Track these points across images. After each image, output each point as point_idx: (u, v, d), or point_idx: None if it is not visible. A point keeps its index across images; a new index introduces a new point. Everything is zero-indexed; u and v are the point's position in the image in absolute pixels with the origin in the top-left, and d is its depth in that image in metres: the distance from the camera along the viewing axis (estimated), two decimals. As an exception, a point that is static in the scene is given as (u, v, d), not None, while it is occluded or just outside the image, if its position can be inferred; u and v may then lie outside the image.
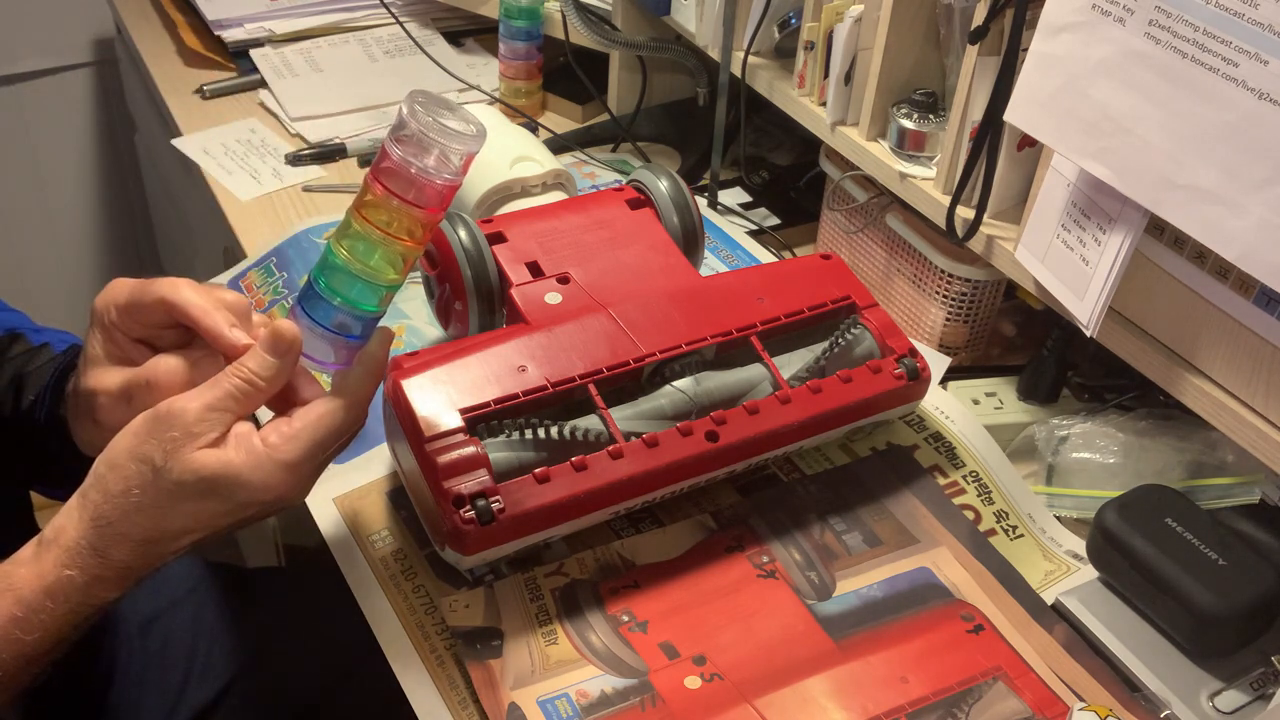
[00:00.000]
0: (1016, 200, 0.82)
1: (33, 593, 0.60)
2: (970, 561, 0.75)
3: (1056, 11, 0.67)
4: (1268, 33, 0.56)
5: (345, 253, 0.63)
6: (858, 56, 0.90)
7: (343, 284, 0.63)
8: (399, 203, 0.62)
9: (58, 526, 0.61)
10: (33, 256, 1.93)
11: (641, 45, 1.16)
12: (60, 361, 0.75)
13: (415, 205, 0.62)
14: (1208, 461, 0.80)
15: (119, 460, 0.60)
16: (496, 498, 0.66)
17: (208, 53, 1.38)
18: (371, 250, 0.63)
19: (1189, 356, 0.71)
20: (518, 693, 0.66)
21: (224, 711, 0.93)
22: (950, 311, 0.92)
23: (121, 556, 0.60)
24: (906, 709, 0.66)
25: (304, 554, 1.24)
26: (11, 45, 1.73)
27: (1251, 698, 0.68)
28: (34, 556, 0.60)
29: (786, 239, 1.10)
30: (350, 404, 0.63)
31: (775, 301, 0.79)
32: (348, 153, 1.21)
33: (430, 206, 0.62)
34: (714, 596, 0.72)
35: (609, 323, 0.75)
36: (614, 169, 1.20)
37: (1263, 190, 0.58)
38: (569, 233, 0.83)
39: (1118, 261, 0.68)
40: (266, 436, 0.61)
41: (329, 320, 0.64)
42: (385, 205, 0.62)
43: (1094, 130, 0.66)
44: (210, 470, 0.59)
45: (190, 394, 0.61)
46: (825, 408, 0.75)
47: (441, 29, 1.41)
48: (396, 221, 0.62)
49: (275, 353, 0.62)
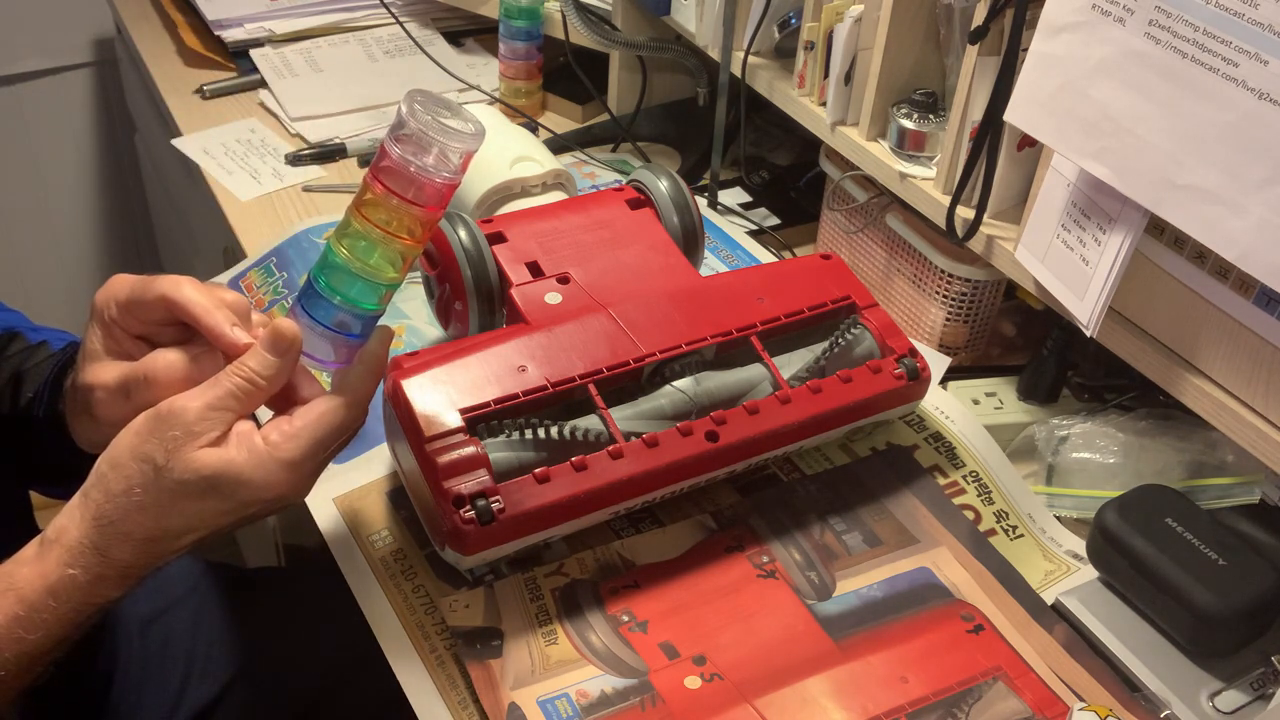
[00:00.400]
0: (1016, 200, 0.82)
1: (35, 592, 0.60)
2: (970, 561, 0.75)
3: (1056, 11, 0.67)
4: (1268, 33, 0.56)
5: (345, 251, 0.63)
6: (858, 56, 0.90)
7: (343, 283, 0.64)
8: (398, 201, 0.62)
9: (60, 526, 0.61)
10: (32, 256, 1.93)
11: (641, 45, 1.16)
12: (59, 358, 0.75)
13: (414, 204, 0.62)
14: (1208, 461, 0.80)
15: (121, 459, 0.60)
16: (496, 498, 0.66)
17: (208, 53, 1.38)
18: (371, 249, 0.63)
19: (1189, 356, 0.71)
20: (518, 693, 0.66)
21: (224, 711, 0.93)
22: (950, 311, 0.92)
23: (123, 555, 0.60)
24: (906, 709, 0.66)
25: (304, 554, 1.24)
26: (11, 45, 1.73)
27: (1251, 698, 0.68)
28: (36, 556, 0.61)
29: (786, 239, 1.10)
30: (351, 402, 0.63)
31: (775, 301, 0.79)
32: (348, 153, 1.21)
33: (430, 205, 0.63)
34: (714, 596, 0.72)
35: (609, 323, 0.75)
36: (614, 169, 1.20)
37: (1263, 190, 0.58)
38: (569, 233, 0.83)
39: (1118, 261, 0.68)
40: (268, 435, 0.61)
41: (329, 319, 0.64)
42: (385, 204, 0.62)
43: (1094, 130, 0.66)
44: (212, 469, 0.59)
45: (191, 393, 0.61)
46: (825, 408, 0.75)
47: (441, 29, 1.41)
48: (396, 220, 0.62)
49: (276, 351, 0.62)
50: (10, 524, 0.81)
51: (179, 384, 0.62)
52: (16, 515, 0.83)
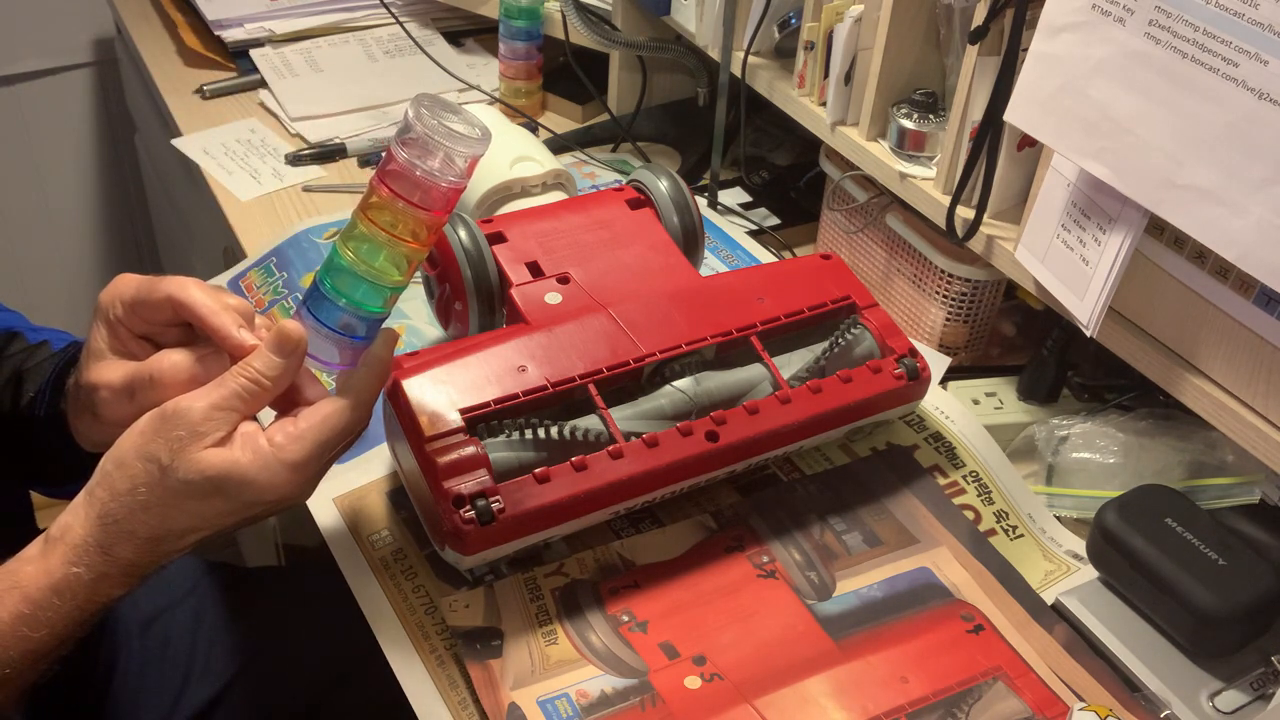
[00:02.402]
0: (1016, 200, 0.82)
1: (39, 590, 0.60)
2: (970, 561, 0.76)
3: (1056, 11, 0.67)
4: (1268, 33, 0.56)
5: (350, 254, 0.63)
6: (858, 56, 0.90)
7: (348, 285, 0.64)
8: (404, 205, 0.62)
9: (64, 524, 0.61)
10: (32, 257, 1.93)
11: (641, 45, 1.16)
12: (60, 358, 0.76)
13: (420, 207, 0.62)
14: (1208, 461, 0.80)
15: (126, 459, 0.60)
16: (496, 498, 0.66)
17: (208, 53, 1.38)
18: (376, 252, 0.63)
19: (1189, 356, 0.71)
20: (518, 693, 0.66)
21: (224, 711, 0.93)
22: (950, 311, 0.92)
23: (127, 554, 0.61)
24: (906, 709, 0.66)
25: (304, 554, 1.24)
26: (11, 45, 1.73)
27: (1251, 698, 0.68)
28: (40, 554, 0.61)
29: (786, 239, 1.10)
30: (355, 404, 0.63)
31: (775, 301, 0.79)
32: (348, 153, 1.20)
33: (435, 209, 0.63)
34: (714, 596, 0.72)
35: (609, 323, 0.75)
36: (614, 169, 1.20)
37: (1263, 190, 0.58)
38: (569, 233, 0.83)
39: (1118, 261, 0.68)
40: (272, 436, 0.61)
41: (334, 321, 0.64)
42: (390, 207, 0.62)
43: (1094, 130, 0.66)
44: (217, 470, 0.59)
45: (196, 393, 0.61)
46: (825, 408, 0.75)
47: (441, 29, 1.41)
48: (401, 223, 0.63)
49: (281, 353, 0.62)
50: (11, 525, 0.81)
51: (184, 385, 0.62)
52: (17, 516, 0.83)
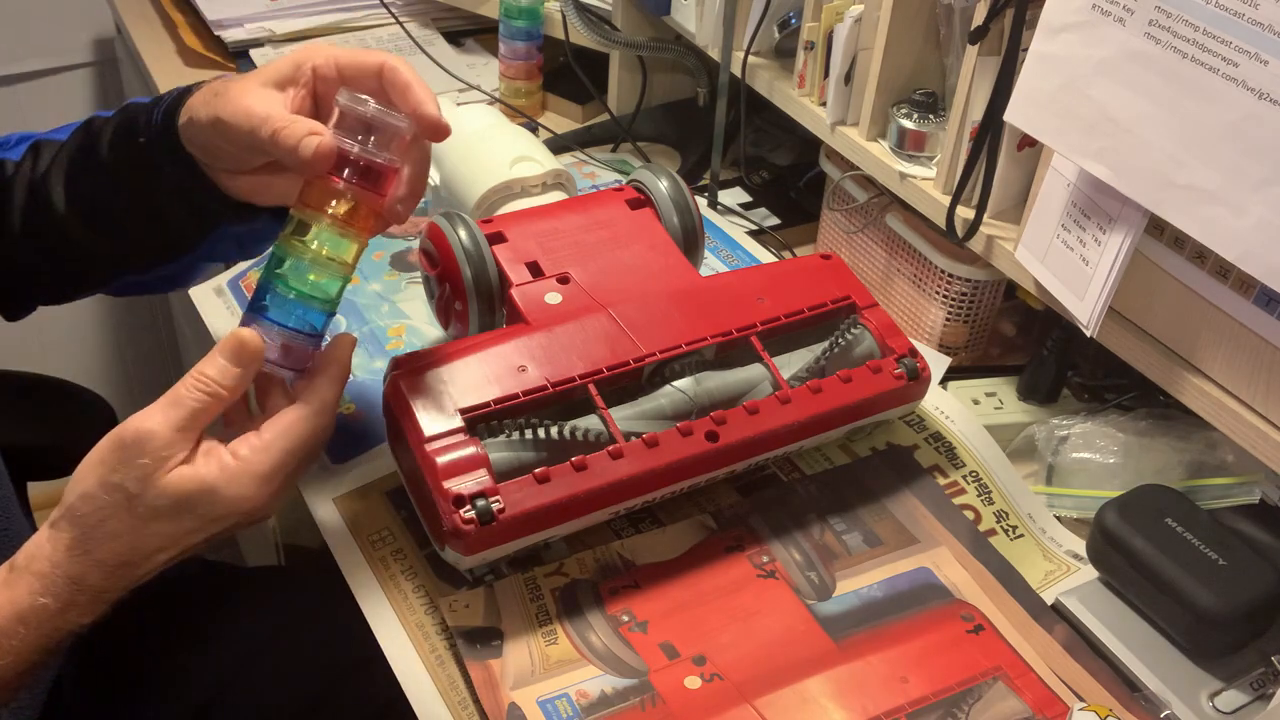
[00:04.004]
0: (1016, 200, 0.82)
1: (5, 619, 0.60)
2: (970, 561, 0.75)
3: (1056, 11, 0.67)
4: (1268, 33, 0.56)
5: (292, 246, 0.65)
6: (858, 56, 0.90)
7: (295, 278, 0.65)
8: (338, 184, 0.64)
9: (29, 554, 0.61)
10: (32, 256, 1.93)
11: (641, 45, 1.16)
12: (153, 103, 0.73)
13: (356, 185, 0.64)
14: (1208, 461, 0.80)
15: (90, 491, 0.60)
16: (496, 498, 0.66)
17: (208, 53, 1.37)
18: (317, 236, 0.65)
19: (1189, 356, 0.71)
20: (518, 693, 0.66)
21: (224, 711, 0.93)
22: (950, 311, 0.92)
23: (95, 581, 0.61)
24: (906, 709, 0.66)
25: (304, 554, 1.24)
26: (11, 45, 1.73)
27: (1251, 698, 0.68)
28: (5, 583, 0.61)
29: (786, 239, 1.10)
30: (318, 410, 0.63)
31: (775, 301, 0.79)
32: (348, 153, 1.20)
33: (367, 186, 0.64)
34: (714, 596, 0.72)
35: (609, 323, 0.75)
36: (614, 169, 1.20)
37: (1263, 190, 0.58)
38: (569, 233, 0.83)
39: (1118, 261, 0.68)
40: (237, 450, 0.61)
41: (285, 320, 0.65)
42: (324, 186, 0.64)
43: (1094, 130, 0.66)
44: (185, 490, 0.60)
45: (153, 416, 0.61)
46: (825, 408, 0.75)
47: (441, 29, 1.41)
48: (336, 201, 0.64)
49: (238, 361, 0.62)
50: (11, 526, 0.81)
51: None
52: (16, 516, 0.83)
